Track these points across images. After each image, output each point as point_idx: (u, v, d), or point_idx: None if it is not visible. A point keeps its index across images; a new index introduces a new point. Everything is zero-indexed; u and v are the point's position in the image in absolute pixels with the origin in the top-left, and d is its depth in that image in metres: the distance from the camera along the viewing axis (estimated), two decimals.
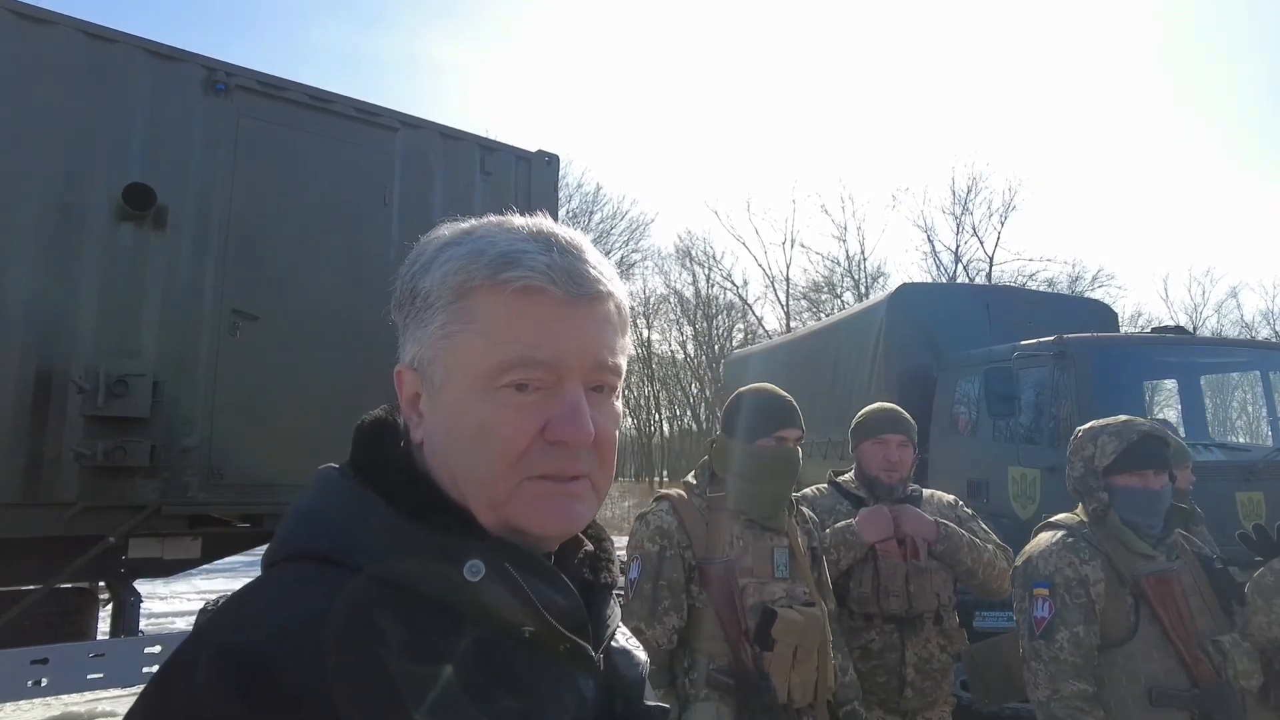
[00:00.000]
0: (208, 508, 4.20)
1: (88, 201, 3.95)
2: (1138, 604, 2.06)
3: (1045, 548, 2.21)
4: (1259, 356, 6.69)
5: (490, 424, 0.65)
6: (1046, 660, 2.08)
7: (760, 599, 2.13)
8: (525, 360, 0.65)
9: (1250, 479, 4.97)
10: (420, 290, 0.69)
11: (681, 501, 2.24)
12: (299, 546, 0.64)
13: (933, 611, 2.64)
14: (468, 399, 0.66)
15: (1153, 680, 2.01)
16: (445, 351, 0.67)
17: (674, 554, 2.13)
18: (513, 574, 0.63)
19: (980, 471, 5.96)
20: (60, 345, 3.84)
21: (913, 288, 7.82)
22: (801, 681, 2.09)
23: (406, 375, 0.71)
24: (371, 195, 4.78)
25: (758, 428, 2.22)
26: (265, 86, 4.50)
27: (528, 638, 0.64)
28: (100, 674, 3.86)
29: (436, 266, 0.69)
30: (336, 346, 4.51)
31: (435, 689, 0.58)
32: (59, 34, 3.92)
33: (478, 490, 0.66)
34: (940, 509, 2.81)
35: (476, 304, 0.66)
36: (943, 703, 2.68)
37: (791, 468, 2.24)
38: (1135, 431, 2.16)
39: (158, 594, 9.55)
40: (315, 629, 0.56)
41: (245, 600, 0.62)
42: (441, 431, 0.68)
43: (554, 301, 0.66)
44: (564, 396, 0.66)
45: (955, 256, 28.87)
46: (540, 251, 0.67)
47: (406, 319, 0.71)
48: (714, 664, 2.07)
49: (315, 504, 0.67)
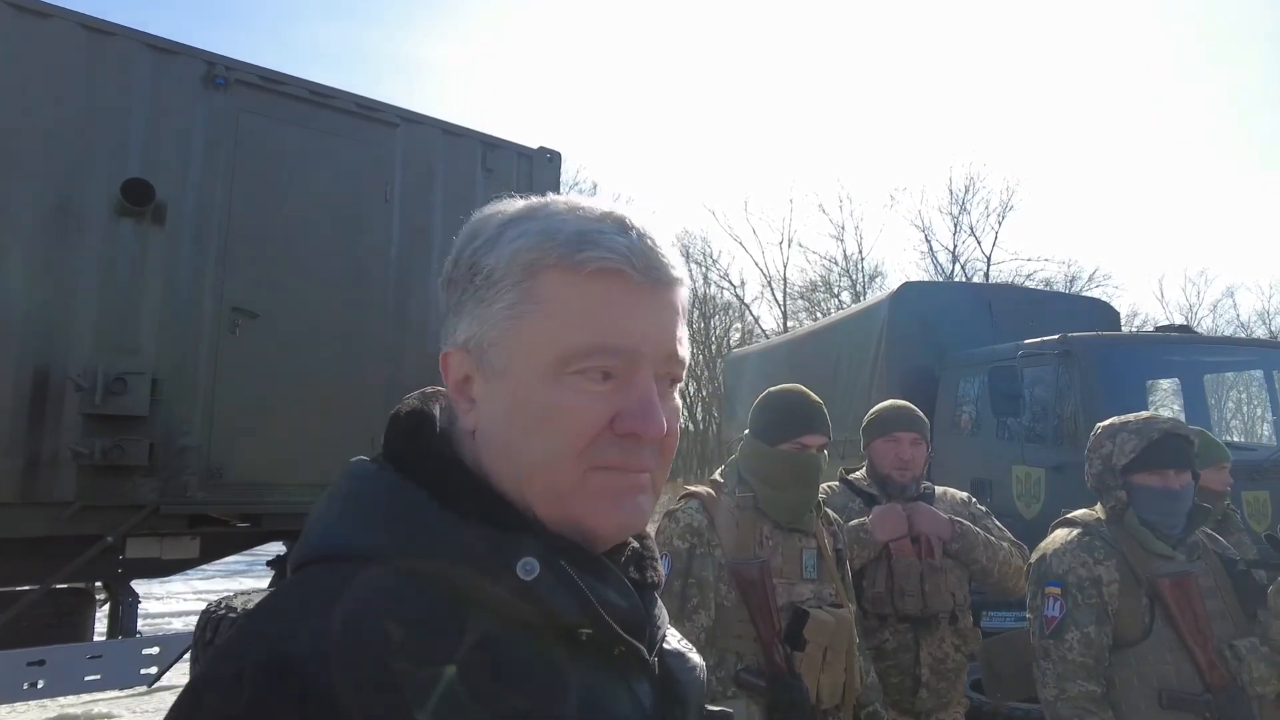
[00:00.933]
0: (207, 507, 4.16)
1: (86, 197, 3.90)
2: (1153, 605, 2.03)
3: (1060, 545, 2.17)
4: (1263, 356, 6.68)
5: (558, 411, 0.61)
6: (1055, 660, 2.06)
7: (789, 599, 2.12)
8: (600, 347, 0.61)
9: (1256, 478, 4.95)
10: (483, 267, 0.64)
11: (711, 500, 2.22)
12: (336, 546, 0.60)
13: (948, 611, 2.61)
14: (534, 384, 0.61)
15: (1164, 682, 1.98)
16: (511, 333, 0.62)
17: (704, 552, 2.12)
18: (568, 571, 0.59)
19: (984, 471, 5.93)
20: (58, 343, 3.79)
21: (915, 286, 7.79)
22: (830, 682, 2.08)
23: (457, 358, 0.66)
24: (372, 192, 4.74)
25: (780, 432, 2.20)
26: (266, 81, 4.45)
27: (584, 640, 0.60)
28: (97, 675, 3.82)
29: (505, 242, 0.63)
30: (337, 344, 4.48)
31: (488, 697, 0.54)
32: (56, 27, 3.87)
33: (539, 479, 0.62)
34: (954, 507, 2.77)
35: (549, 284, 0.62)
36: (956, 703, 2.65)
37: (811, 475, 2.21)
38: (1156, 430, 2.11)
39: (154, 594, 9.48)
40: (361, 636, 0.52)
41: (282, 608, 0.58)
42: (500, 418, 0.63)
43: (630, 286, 0.62)
44: (637, 387, 0.62)
45: (953, 256, 28.93)
46: (617, 233, 0.63)
47: (462, 297, 0.65)
48: (742, 663, 2.05)
49: (347, 500, 0.62)
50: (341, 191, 4.62)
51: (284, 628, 0.54)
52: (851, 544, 2.54)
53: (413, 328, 4.79)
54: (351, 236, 4.63)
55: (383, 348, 4.65)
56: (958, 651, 2.61)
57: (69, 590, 4.35)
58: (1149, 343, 6.29)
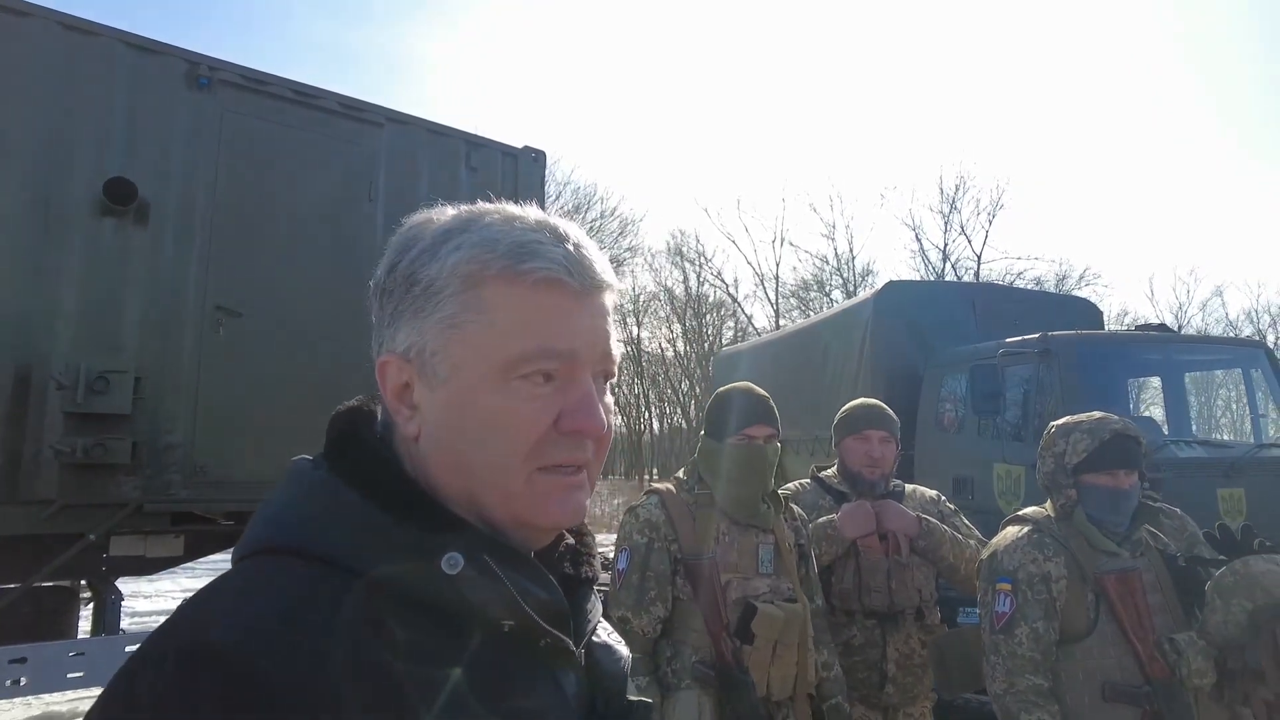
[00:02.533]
0: (190, 505, 4.17)
1: (68, 196, 3.90)
2: (1098, 601, 2.08)
3: (1010, 542, 2.23)
4: (1240, 354, 6.74)
5: (504, 415, 0.64)
6: (1005, 655, 2.11)
7: (744, 594, 2.17)
8: (545, 352, 0.64)
9: (1231, 475, 5.01)
10: (422, 278, 0.66)
11: (670, 496, 2.28)
12: (269, 541, 0.63)
13: (914, 607, 2.65)
14: (479, 390, 0.64)
15: (1107, 675, 2.03)
16: (453, 342, 0.65)
17: (661, 546, 2.18)
18: (491, 566, 0.62)
19: (966, 468, 5.98)
20: (39, 341, 3.79)
21: (899, 285, 7.82)
22: (781, 675, 2.13)
23: (395, 365, 0.68)
24: (356, 191, 4.76)
25: (728, 426, 2.27)
26: (249, 81, 4.46)
27: (506, 632, 0.63)
28: (80, 673, 3.83)
29: (445, 254, 0.66)
30: (321, 342, 4.49)
31: (414, 686, 0.56)
32: (35, 26, 3.87)
33: (490, 483, 0.65)
34: (923, 504, 2.81)
35: (491, 294, 0.65)
36: (923, 698, 2.69)
37: (759, 465, 2.24)
38: (1108, 430, 2.17)
39: (142, 592, 9.49)
40: (288, 626, 0.55)
41: (214, 596, 0.60)
42: (445, 425, 0.66)
43: (569, 293, 0.66)
44: (578, 387, 0.66)
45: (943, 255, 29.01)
46: (554, 243, 0.66)
47: (399, 307, 0.68)
48: (697, 655, 2.11)
49: (286, 497, 0.65)
50: (325, 191, 4.64)
51: (213, 615, 0.57)
52: (820, 540, 2.58)
53: None
54: (335, 235, 4.65)
55: (366, 346, 4.62)
56: (924, 647, 2.64)
57: (52, 589, 4.36)
58: (1128, 341, 6.34)
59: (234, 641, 0.53)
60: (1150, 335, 6.28)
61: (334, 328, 4.53)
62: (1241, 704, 1.96)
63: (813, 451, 7.48)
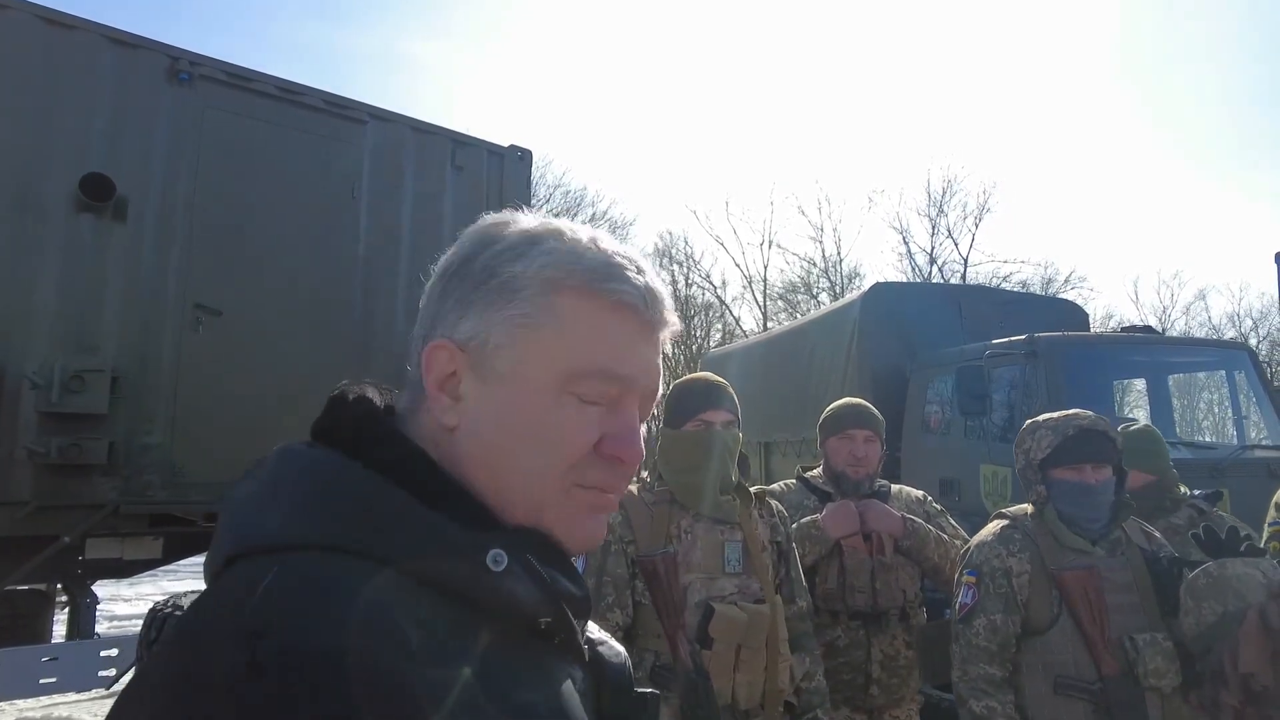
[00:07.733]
0: (169, 506, 4.11)
1: (45, 192, 3.85)
2: (1060, 596, 2.11)
3: (984, 537, 2.29)
4: (1225, 356, 6.79)
5: (554, 425, 0.64)
6: (963, 644, 2.17)
7: (707, 595, 2.02)
8: (605, 372, 0.65)
9: (1216, 477, 5.03)
10: (503, 273, 0.66)
11: (629, 498, 2.13)
12: (302, 537, 0.57)
13: (898, 608, 2.64)
14: (536, 394, 0.64)
15: (1063, 670, 2.06)
16: (520, 340, 0.64)
17: (618, 549, 2.03)
18: (535, 564, 0.62)
19: (952, 469, 5.99)
20: (14, 339, 3.73)
21: (886, 287, 7.84)
22: (747, 681, 1.99)
23: (447, 352, 0.66)
24: (339, 188, 4.71)
25: (683, 413, 2.14)
26: (231, 77, 4.41)
27: (542, 629, 0.63)
28: (53, 678, 3.75)
29: (533, 256, 0.66)
30: (302, 341, 4.44)
31: (459, 685, 0.54)
32: (12, 19, 3.82)
33: (523, 486, 0.64)
34: (908, 504, 2.80)
35: (567, 304, 0.65)
36: (909, 700, 2.68)
37: (719, 450, 2.10)
38: (1073, 426, 2.19)
39: (122, 595, 9.36)
40: (380, 623, 0.52)
41: (286, 598, 0.53)
42: (493, 421, 0.65)
43: (640, 322, 0.67)
44: (624, 414, 0.67)
45: (930, 258, 29.11)
46: (635, 272, 0.68)
47: (470, 296, 0.66)
48: (660, 660, 1.97)
49: (310, 489, 0.60)
50: (308, 188, 4.59)
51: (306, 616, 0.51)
52: (803, 540, 2.55)
53: (379, 325, 4.76)
54: (318, 233, 4.60)
55: (349, 345, 4.62)
56: (909, 648, 2.63)
57: (27, 592, 4.30)
58: (1113, 343, 6.37)
59: (346, 643, 0.50)
60: (1136, 337, 6.32)
61: (316, 325, 4.49)
62: (1210, 706, 1.95)
63: (800, 453, 7.48)
